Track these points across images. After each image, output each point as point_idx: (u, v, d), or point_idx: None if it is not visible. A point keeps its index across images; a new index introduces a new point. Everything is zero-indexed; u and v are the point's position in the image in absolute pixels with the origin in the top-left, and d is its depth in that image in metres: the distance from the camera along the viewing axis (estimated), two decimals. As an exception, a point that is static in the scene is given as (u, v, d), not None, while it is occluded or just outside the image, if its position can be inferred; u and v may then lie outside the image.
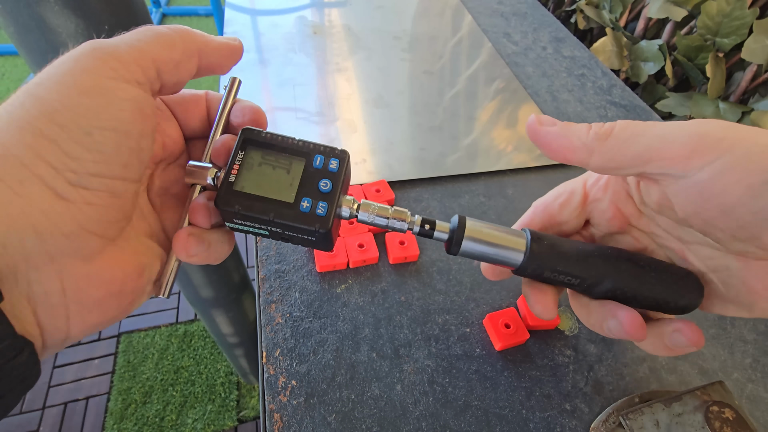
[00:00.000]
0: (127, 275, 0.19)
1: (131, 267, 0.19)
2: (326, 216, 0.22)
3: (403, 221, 0.24)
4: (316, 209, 0.22)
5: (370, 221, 0.24)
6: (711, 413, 0.26)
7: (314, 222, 0.21)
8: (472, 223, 0.24)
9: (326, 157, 0.23)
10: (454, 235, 0.24)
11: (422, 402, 0.31)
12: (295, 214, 0.21)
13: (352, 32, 0.67)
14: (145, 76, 0.19)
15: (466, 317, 0.36)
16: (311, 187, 0.22)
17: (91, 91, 0.17)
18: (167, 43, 0.20)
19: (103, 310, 0.19)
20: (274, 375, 0.31)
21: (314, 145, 0.23)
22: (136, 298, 0.20)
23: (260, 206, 0.21)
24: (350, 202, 0.24)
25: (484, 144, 0.50)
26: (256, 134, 0.23)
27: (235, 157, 0.22)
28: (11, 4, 0.42)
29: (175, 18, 2.49)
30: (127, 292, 0.19)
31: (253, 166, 0.22)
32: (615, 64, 0.74)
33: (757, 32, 0.57)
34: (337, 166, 0.23)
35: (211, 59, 0.22)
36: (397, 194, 0.44)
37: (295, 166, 0.23)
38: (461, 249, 0.24)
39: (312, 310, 0.35)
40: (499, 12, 0.75)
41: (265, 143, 0.23)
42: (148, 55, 0.19)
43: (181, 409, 1.12)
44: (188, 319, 1.30)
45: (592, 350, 0.35)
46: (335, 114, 0.53)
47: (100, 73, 0.17)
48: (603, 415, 0.30)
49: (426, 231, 0.25)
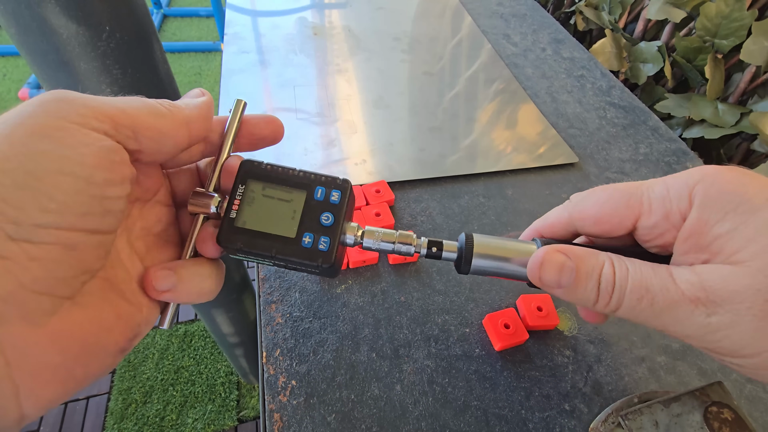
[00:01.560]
0: (90, 334, 0.17)
1: (96, 326, 0.17)
2: (328, 251, 0.21)
3: (409, 245, 0.24)
4: (318, 244, 0.21)
5: (376, 248, 0.24)
6: (710, 413, 0.26)
7: (317, 257, 0.21)
8: (479, 239, 0.24)
9: (327, 188, 0.22)
10: (462, 254, 0.24)
11: (422, 402, 0.31)
12: (297, 250, 0.21)
13: (353, 33, 0.67)
14: (117, 131, 0.17)
15: (466, 317, 0.36)
16: (313, 222, 0.22)
17: (50, 133, 0.15)
18: (152, 109, 0.18)
19: (64, 379, 0.16)
20: (274, 375, 0.32)
21: (315, 176, 0.23)
22: (110, 356, 0.18)
23: (262, 243, 0.21)
24: (354, 229, 0.23)
25: (483, 145, 0.50)
26: (256, 166, 0.22)
27: (236, 191, 0.22)
28: (12, 5, 0.42)
29: (176, 19, 2.49)
30: (95, 353, 0.17)
31: (254, 201, 0.22)
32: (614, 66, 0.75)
33: (755, 34, 0.58)
34: (339, 198, 0.22)
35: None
36: (396, 195, 0.44)
37: (296, 199, 0.22)
38: (472, 267, 0.24)
39: (312, 310, 0.35)
40: (499, 13, 0.75)
41: (265, 175, 0.22)
42: (125, 112, 0.17)
43: (182, 409, 1.12)
44: (188, 319, 1.30)
45: (591, 350, 0.35)
46: (335, 115, 0.53)
47: (64, 116, 0.16)
48: (602, 416, 0.30)
49: (433, 253, 0.24)
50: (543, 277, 0.21)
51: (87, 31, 0.45)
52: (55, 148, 0.15)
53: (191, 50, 2.25)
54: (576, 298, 0.21)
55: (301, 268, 0.22)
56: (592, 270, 0.21)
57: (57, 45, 0.45)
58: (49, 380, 0.15)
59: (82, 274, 0.16)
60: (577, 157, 0.50)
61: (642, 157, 0.52)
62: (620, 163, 0.51)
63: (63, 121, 0.15)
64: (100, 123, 0.16)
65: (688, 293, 0.18)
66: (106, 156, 0.16)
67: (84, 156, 0.15)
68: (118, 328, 0.18)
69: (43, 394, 0.15)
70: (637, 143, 0.53)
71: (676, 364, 0.34)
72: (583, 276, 0.21)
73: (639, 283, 0.20)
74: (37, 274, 0.14)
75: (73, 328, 0.16)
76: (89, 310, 0.17)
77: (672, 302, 0.19)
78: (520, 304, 0.36)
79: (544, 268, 0.21)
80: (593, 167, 0.50)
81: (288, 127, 0.51)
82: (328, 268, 0.22)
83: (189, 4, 2.60)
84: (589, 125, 0.55)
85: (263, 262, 0.23)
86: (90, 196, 0.16)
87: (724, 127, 0.62)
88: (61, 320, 0.16)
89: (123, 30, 0.48)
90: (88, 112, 0.16)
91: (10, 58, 2.17)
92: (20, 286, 0.14)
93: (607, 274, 0.20)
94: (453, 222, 0.42)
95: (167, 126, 0.19)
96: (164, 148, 0.19)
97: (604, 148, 0.52)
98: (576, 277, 0.21)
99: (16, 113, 0.15)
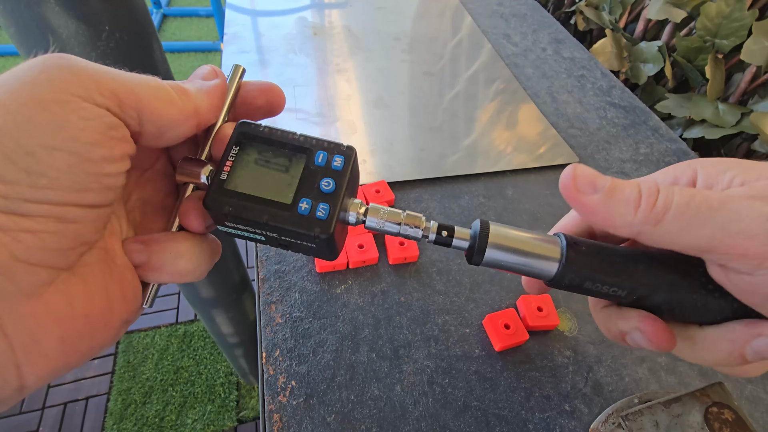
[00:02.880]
0: (92, 306, 0.16)
1: (97, 296, 0.17)
2: (327, 219, 0.19)
3: (417, 228, 0.21)
4: (316, 212, 0.19)
5: (380, 228, 0.22)
6: (710, 414, 0.26)
7: (313, 226, 0.19)
8: (496, 228, 0.21)
9: (330, 153, 0.20)
10: (476, 242, 0.21)
11: (422, 402, 0.31)
12: (292, 217, 0.19)
13: (353, 33, 0.67)
14: (120, 109, 0.16)
15: (466, 318, 0.36)
16: (312, 187, 0.20)
17: (48, 104, 0.14)
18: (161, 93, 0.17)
19: (66, 351, 0.16)
20: (273, 375, 0.31)
21: (317, 141, 0.21)
22: (113, 328, 0.17)
23: (254, 207, 0.19)
24: (357, 205, 0.21)
25: (483, 145, 0.50)
26: (253, 128, 0.20)
27: (229, 152, 0.20)
28: (12, 4, 0.42)
29: (175, 19, 2.49)
30: (96, 325, 0.17)
31: (248, 163, 0.20)
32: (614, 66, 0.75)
33: (756, 34, 0.57)
34: (341, 164, 0.20)
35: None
36: (396, 195, 0.44)
37: (295, 163, 0.20)
38: (485, 258, 0.21)
39: (312, 310, 0.35)
40: (499, 13, 0.75)
41: (262, 138, 0.20)
42: (133, 92, 0.16)
43: (181, 410, 1.12)
44: (188, 320, 1.30)
45: (591, 351, 0.35)
46: (335, 115, 0.53)
47: (66, 87, 0.15)
48: (602, 416, 0.30)
49: (443, 239, 0.22)
50: (578, 176, 0.19)
51: (87, 31, 0.45)
52: (53, 120, 0.14)
53: (191, 50, 2.25)
54: (613, 204, 0.18)
55: (296, 242, 0.20)
56: (627, 181, 0.19)
57: (57, 45, 0.45)
58: (49, 351, 0.15)
59: (79, 246, 0.16)
60: (577, 157, 0.50)
61: (642, 157, 0.52)
62: (620, 163, 0.51)
63: (65, 93, 0.15)
64: (104, 99, 0.16)
65: (739, 192, 0.17)
66: (105, 132, 0.15)
67: (82, 131, 0.15)
68: (120, 298, 0.18)
69: (44, 366, 0.15)
70: (638, 143, 0.53)
71: (676, 365, 0.34)
72: (619, 182, 0.18)
73: (685, 188, 0.18)
74: (30, 245, 0.14)
75: (73, 299, 0.16)
76: (89, 281, 0.16)
77: (728, 195, 0.17)
78: (521, 304, 0.35)
79: (578, 170, 0.19)
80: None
81: (288, 126, 0.50)
82: (325, 240, 0.19)
83: (189, 4, 2.60)
84: (590, 125, 0.55)
85: (255, 235, 0.20)
86: (86, 173, 0.15)
87: (725, 127, 0.61)
88: (58, 291, 0.15)
89: (123, 30, 0.48)
90: (92, 86, 0.15)
91: (10, 58, 2.17)
92: (12, 258, 0.14)
93: (647, 182, 0.18)
94: (453, 222, 0.42)
95: (174, 115, 0.18)
96: (166, 136, 0.18)
97: (604, 148, 0.52)
98: (612, 182, 0.18)
99: (16, 77, 0.15)
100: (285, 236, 0.20)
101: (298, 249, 0.21)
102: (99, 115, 0.15)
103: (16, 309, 0.14)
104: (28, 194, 0.14)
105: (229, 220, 0.19)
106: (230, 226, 0.20)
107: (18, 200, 0.14)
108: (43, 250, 0.14)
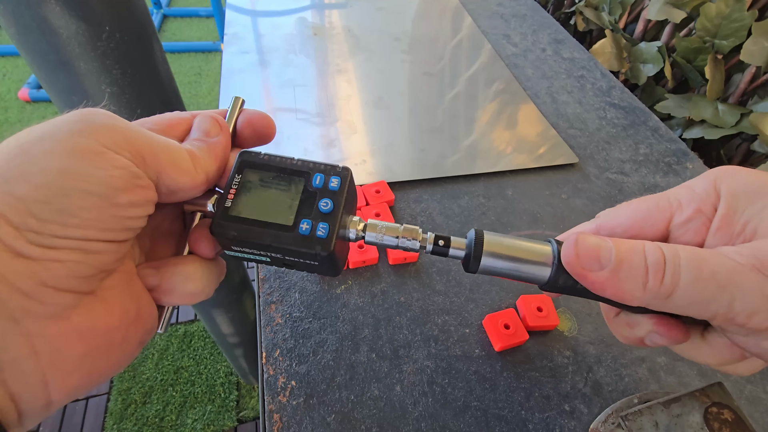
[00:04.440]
0: (112, 326, 0.18)
1: (117, 317, 0.18)
2: (327, 238, 0.20)
3: (414, 240, 0.23)
4: (316, 231, 0.20)
5: (379, 242, 0.23)
6: (710, 414, 0.26)
7: (314, 245, 0.20)
8: (490, 237, 0.22)
9: (326, 175, 0.22)
10: (471, 251, 0.22)
11: (422, 403, 0.31)
12: (294, 237, 0.20)
13: (353, 34, 0.67)
14: (144, 168, 0.18)
15: (466, 318, 0.36)
16: (311, 208, 0.21)
17: (87, 155, 0.16)
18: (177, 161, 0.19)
19: (89, 368, 0.17)
20: (273, 375, 0.32)
21: (314, 164, 0.22)
22: (131, 347, 0.19)
23: (257, 231, 0.20)
24: (356, 222, 0.23)
25: (483, 145, 0.50)
26: (253, 156, 0.22)
27: (232, 180, 0.21)
28: (12, 5, 0.42)
29: (176, 19, 2.49)
30: (116, 343, 0.18)
31: (250, 190, 0.21)
32: (614, 66, 0.75)
33: (755, 34, 0.58)
34: (338, 185, 0.21)
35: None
36: (396, 195, 0.44)
37: (294, 186, 0.21)
38: (481, 266, 0.22)
39: (312, 310, 0.35)
40: (499, 14, 0.75)
41: (262, 165, 0.22)
42: (156, 156, 0.18)
43: (181, 410, 1.12)
44: (188, 320, 1.30)
45: (591, 351, 0.35)
46: (335, 115, 0.53)
47: (103, 142, 0.17)
48: (602, 416, 0.30)
49: (440, 249, 0.23)
50: (581, 254, 0.19)
51: (87, 31, 0.45)
52: (88, 168, 0.16)
53: (191, 50, 2.25)
54: (620, 282, 0.18)
55: (299, 261, 0.21)
56: (633, 247, 0.19)
57: (57, 45, 0.45)
58: (74, 369, 0.17)
59: (101, 273, 0.17)
60: (577, 157, 0.50)
61: (642, 157, 0.52)
62: (620, 164, 0.51)
63: (100, 146, 0.17)
64: (132, 156, 0.17)
65: (744, 262, 0.17)
66: (132, 180, 0.17)
67: (113, 179, 0.17)
68: (136, 319, 0.19)
69: (69, 382, 0.16)
70: (637, 144, 0.53)
71: (676, 365, 0.34)
72: (625, 252, 0.18)
73: (692, 256, 0.18)
74: (58, 273, 0.16)
75: (96, 321, 0.17)
76: (110, 303, 0.18)
77: (734, 270, 0.17)
78: (520, 304, 0.35)
79: (581, 245, 0.19)
80: (593, 168, 0.50)
81: (288, 127, 0.51)
82: (327, 258, 0.20)
83: (189, 4, 2.60)
84: (589, 126, 0.55)
85: (259, 257, 0.22)
86: (111, 215, 0.17)
87: (725, 128, 0.61)
88: (83, 313, 0.17)
89: (123, 30, 0.48)
90: (124, 144, 0.17)
91: (10, 58, 2.17)
92: (42, 284, 0.15)
93: (652, 250, 0.18)
94: (453, 222, 0.42)
95: (187, 183, 0.19)
96: (177, 196, 0.20)
97: (604, 149, 0.52)
98: (617, 256, 0.18)
99: (60, 128, 0.16)
100: (288, 256, 0.21)
101: (302, 267, 0.22)
102: (127, 165, 0.17)
103: (46, 330, 0.16)
104: (59, 231, 0.16)
105: (235, 244, 0.21)
106: (236, 250, 0.21)
107: (48, 235, 0.15)
108: (69, 278, 0.16)
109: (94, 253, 0.17)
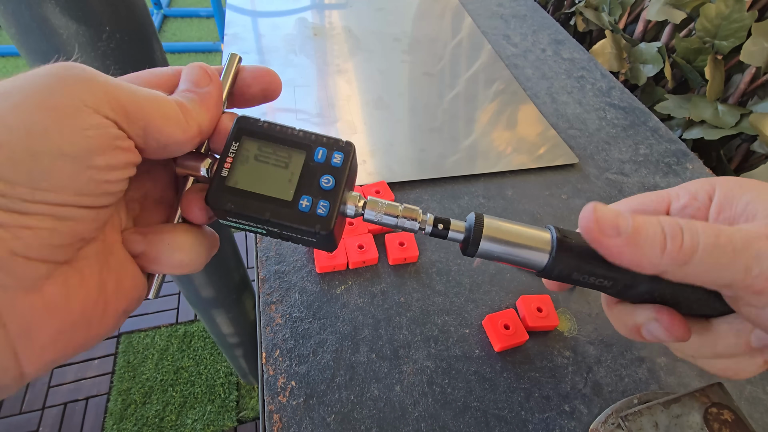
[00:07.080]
0: (89, 299, 0.17)
1: (95, 289, 0.17)
2: (327, 216, 0.20)
3: (414, 220, 0.22)
4: (316, 209, 0.20)
5: (378, 220, 0.22)
6: (710, 415, 0.26)
7: (314, 223, 0.20)
8: (490, 221, 0.22)
9: (329, 150, 0.21)
10: (471, 234, 0.22)
11: (421, 403, 0.31)
12: (293, 214, 0.20)
13: (353, 34, 0.67)
14: (128, 125, 0.16)
15: (466, 318, 0.36)
16: (312, 184, 0.20)
17: (60, 112, 0.15)
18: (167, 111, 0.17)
19: (64, 342, 0.16)
20: (273, 376, 0.32)
21: (316, 137, 0.21)
22: (112, 319, 0.18)
23: (255, 205, 0.19)
24: (356, 198, 0.22)
25: (483, 145, 0.50)
26: (252, 123, 0.21)
27: (229, 148, 0.20)
28: (13, 5, 0.42)
29: (176, 19, 2.49)
30: (95, 316, 0.17)
31: (248, 160, 0.20)
32: (614, 67, 0.75)
33: (755, 35, 0.58)
34: (341, 161, 0.21)
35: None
36: (396, 195, 0.44)
37: (295, 159, 0.20)
38: (479, 249, 0.22)
39: (312, 310, 0.35)
40: (499, 14, 0.75)
41: (262, 134, 0.20)
42: (141, 108, 0.17)
43: (181, 410, 1.12)
44: (188, 320, 1.30)
45: (591, 351, 0.35)
46: (335, 115, 0.53)
47: (78, 96, 0.15)
48: (602, 417, 0.30)
49: (439, 231, 0.22)
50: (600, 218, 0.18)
51: (87, 32, 0.45)
52: (61, 127, 0.15)
53: (191, 51, 2.25)
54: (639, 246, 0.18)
55: (296, 236, 0.21)
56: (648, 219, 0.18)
57: (57, 45, 0.45)
58: (48, 344, 0.15)
59: (77, 242, 0.16)
60: (577, 157, 0.50)
61: (642, 157, 0.52)
62: (620, 164, 0.51)
63: (77, 102, 0.15)
64: (114, 112, 0.16)
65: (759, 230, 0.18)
66: (109, 141, 0.16)
67: (89, 139, 0.15)
68: (116, 290, 0.18)
69: (42, 355, 0.15)
70: (637, 144, 0.53)
71: (676, 365, 0.34)
72: (641, 221, 0.18)
73: (708, 225, 0.18)
74: (29, 241, 0.14)
75: (69, 292, 0.16)
76: (86, 274, 0.17)
77: (750, 236, 0.17)
78: (520, 304, 0.35)
79: (599, 211, 0.18)
80: (593, 168, 0.50)
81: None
82: (325, 236, 0.20)
83: (189, 5, 2.60)
84: (589, 126, 0.55)
85: (255, 228, 0.21)
86: (87, 179, 0.15)
87: (724, 128, 0.62)
88: (57, 285, 0.16)
89: (123, 30, 0.48)
90: (103, 97, 0.16)
91: (10, 58, 2.17)
92: (11, 253, 0.14)
93: (668, 220, 0.18)
94: (453, 223, 0.42)
95: (179, 135, 0.18)
96: (168, 150, 0.18)
97: (604, 149, 0.52)
98: (634, 224, 0.18)
99: (29, 81, 0.15)
100: (286, 231, 0.20)
101: (299, 241, 0.21)
102: (106, 125, 0.16)
103: (15, 302, 0.14)
104: (28, 195, 0.14)
105: (231, 216, 0.20)
106: (232, 220, 0.20)
107: (17, 199, 0.14)
108: (41, 246, 0.15)
109: (69, 219, 0.15)
